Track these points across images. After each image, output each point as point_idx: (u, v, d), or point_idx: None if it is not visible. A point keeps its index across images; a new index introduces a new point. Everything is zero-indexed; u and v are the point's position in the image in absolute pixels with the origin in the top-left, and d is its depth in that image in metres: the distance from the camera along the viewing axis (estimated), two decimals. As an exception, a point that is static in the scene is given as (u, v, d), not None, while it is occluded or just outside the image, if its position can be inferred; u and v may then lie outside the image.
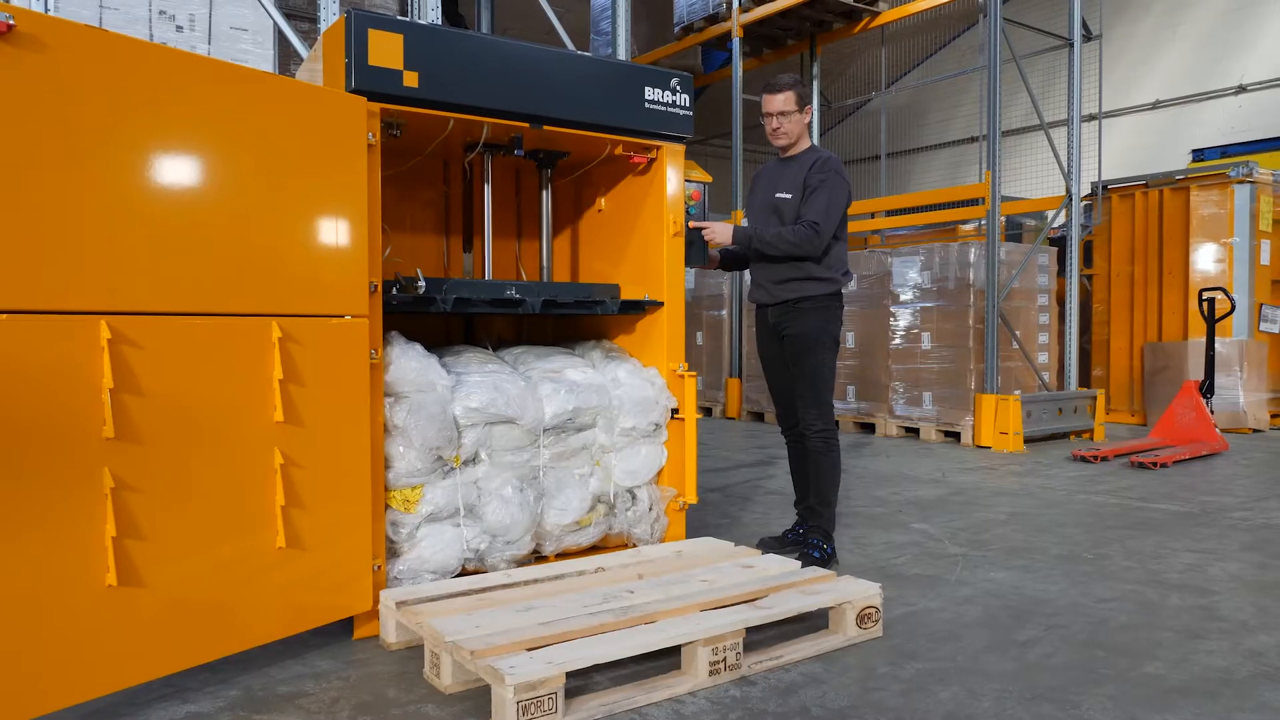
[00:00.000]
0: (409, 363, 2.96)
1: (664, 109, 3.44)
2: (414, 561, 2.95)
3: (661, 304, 3.56)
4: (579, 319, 4.11)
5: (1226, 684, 2.49)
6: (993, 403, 7.21)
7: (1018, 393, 7.24)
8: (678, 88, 3.47)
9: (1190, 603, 3.21)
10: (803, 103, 3.58)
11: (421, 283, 2.99)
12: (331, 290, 2.67)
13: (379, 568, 2.83)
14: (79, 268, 2.11)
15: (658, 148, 3.52)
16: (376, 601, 2.82)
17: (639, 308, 3.58)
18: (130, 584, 2.19)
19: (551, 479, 3.27)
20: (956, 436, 7.63)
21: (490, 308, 3.22)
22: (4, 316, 1.98)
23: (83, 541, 2.11)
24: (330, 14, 4.12)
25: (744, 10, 10.03)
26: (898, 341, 8.05)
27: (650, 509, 3.47)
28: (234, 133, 2.42)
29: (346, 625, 2.85)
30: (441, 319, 3.97)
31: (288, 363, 2.52)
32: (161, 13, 5.08)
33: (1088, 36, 8.09)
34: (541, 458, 3.24)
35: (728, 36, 10.25)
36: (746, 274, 9.45)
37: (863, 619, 2.83)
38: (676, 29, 11.09)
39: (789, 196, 3.60)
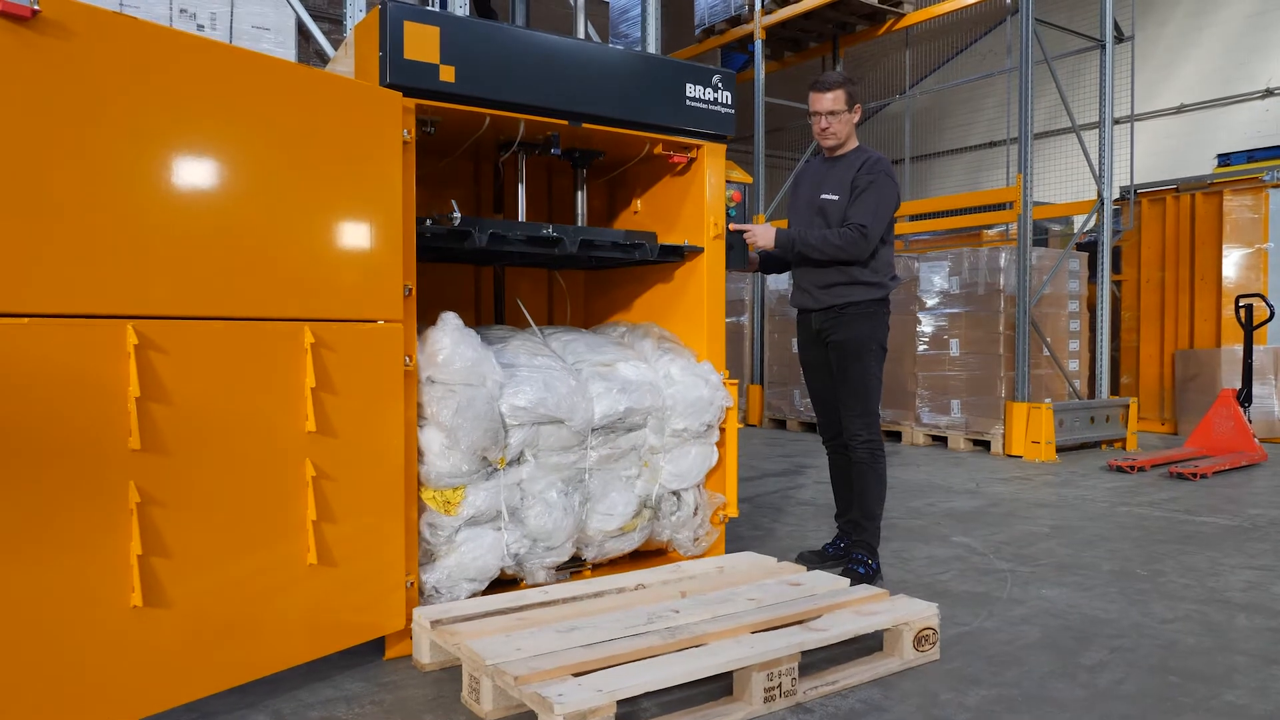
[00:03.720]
0: (465, 351, 2.74)
1: (705, 107, 3.31)
2: (452, 568, 2.79)
3: (701, 249, 3.42)
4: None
5: (1317, 715, 2.33)
6: (1024, 411, 7.04)
7: (1049, 401, 7.08)
8: (719, 84, 3.34)
9: (1260, 624, 3.05)
10: (852, 101, 3.43)
11: (456, 214, 2.87)
12: (364, 294, 2.54)
13: (412, 584, 2.70)
14: (104, 269, 1.99)
15: (698, 147, 3.39)
16: (409, 620, 2.69)
17: (678, 253, 3.43)
18: (156, 605, 2.07)
19: (597, 481, 3.11)
20: (986, 445, 7.47)
21: (526, 247, 3.07)
22: (25, 320, 1.86)
23: (106, 559, 1.99)
24: (358, 9, 4.00)
25: (766, 12, 9.89)
26: (924, 348, 7.89)
27: (695, 513, 3.31)
28: (265, 127, 2.30)
29: (377, 644, 2.72)
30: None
31: (320, 370, 2.39)
32: (183, 11, 4.97)
33: (1120, 38, 7.92)
34: (589, 459, 3.08)
35: (749, 39, 10.12)
36: (769, 279, 9.44)
37: (920, 641, 2.69)
38: (697, 31, 10.98)
39: (835, 198, 3.46)
